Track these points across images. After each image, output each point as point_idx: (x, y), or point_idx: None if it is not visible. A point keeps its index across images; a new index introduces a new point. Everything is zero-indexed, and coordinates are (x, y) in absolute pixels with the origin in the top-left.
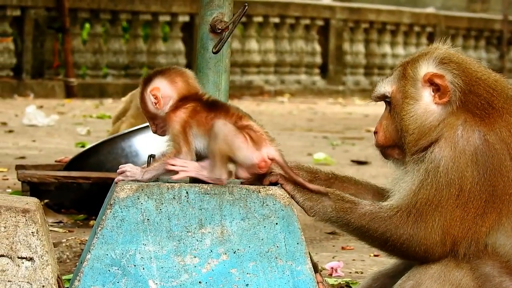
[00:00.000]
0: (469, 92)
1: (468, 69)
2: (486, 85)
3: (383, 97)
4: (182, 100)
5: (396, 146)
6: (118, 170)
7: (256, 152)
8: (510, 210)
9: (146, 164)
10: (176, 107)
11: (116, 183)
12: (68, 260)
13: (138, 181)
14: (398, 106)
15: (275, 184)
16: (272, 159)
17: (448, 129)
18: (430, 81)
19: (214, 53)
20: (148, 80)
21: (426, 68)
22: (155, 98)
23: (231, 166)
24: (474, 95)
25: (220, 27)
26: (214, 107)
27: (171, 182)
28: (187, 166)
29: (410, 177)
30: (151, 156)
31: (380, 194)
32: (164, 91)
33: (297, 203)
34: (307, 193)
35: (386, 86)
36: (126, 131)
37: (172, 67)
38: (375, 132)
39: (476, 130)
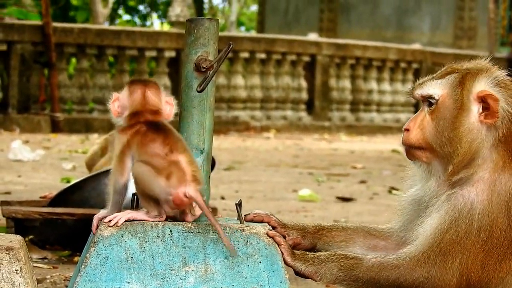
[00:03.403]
0: None
1: None
2: None
3: (428, 97)
4: (134, 116)
5: (429, 149)
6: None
7: (171, 190)
8: None
9: (131, 203)
10: (126, 125)
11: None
12: None
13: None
14: (449, 113)
15: (260, 222)
16: (189, 197)
17: (489, 170)
18: (483, 99)
19: (198, 91)
20: (124, 86)
21: (483, 85)
22: (116, 107)
23: None
24: None
25: (204, 66)
26: (156, 132)
27: (156, 220)
28: (120, 216)
29: (440, 214)
30: (135, 195)
31: (372, 235)
32: (122, 101)
33: (299, 272)
34: (307, 260)
35: (436, 88)
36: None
37: (141, 80)
38: (407, 130)
39: None
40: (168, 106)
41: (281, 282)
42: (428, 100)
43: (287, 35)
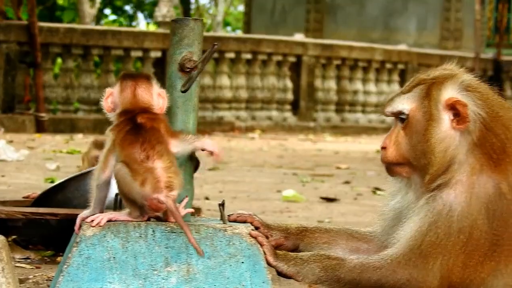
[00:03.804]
0: (488, 127)
1: (489, 100)
2: (502, 124)
3: (398, 114)
4: (124, 114)
5: (407, 164)
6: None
7: (146, 195)
8: (508, 260)
9: (114, 203)
10: (116, 123)
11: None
12: None
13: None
14: (420, 126)
15: (243, 222)
16: (162, 203)
17: (466, 173)
18: (452, 106)
19: (182, 92)
20: (117, 80)
21: (450, 92)
22: (109, 103)
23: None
24: (492, 133)
25: (189, 66)
26: (136, 135)
27: (138, 221)
28: (102, 217)
29: (420, 217)
30: (118, 195)
31: (354, 237)
32: (114, 97)
33: (282, 272)
34: (289, 260)
35: (404, 103)
36: (94, 167)
37: (134, 74)
38: (384, 148)
39: (491, 178)
40: (160, 99)
41: (263, 282)
42: (400, 117)
43: (273, 36)
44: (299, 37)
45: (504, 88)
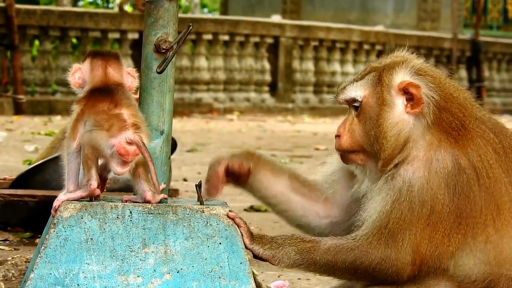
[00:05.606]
0: (443, 108)
1: (442, 84)
2: (458, 103)
3: (351, 101)
4: (94, 91)
5: (361, 151)
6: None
7: (112, 140)
8: (475, 232)
9: None
10: (83, 96)
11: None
12: (13, 278)
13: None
14: (373, 112)
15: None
16: (130, 143)
17: (423, 148)
18: (405, 90)
19: (158, 73)
20: (84, 57)
21: (402, 76)
22: (77, 78)
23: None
24: (448, 112)
25: (164, 47)
26: (106, 93)
27: (115, 202)
28: (60, 197)
29: (381, 196)
30: None
31: (298, 179)
32: (83, 74)
33: (258, 255)
34: (265, 243)
35: (357, 90)
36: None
37: (104, 52)
38: (338, 136)
39: (450, 153)
40: (129, 78)
41: (241, 263)
42: (353, 104)
43: (250, 17)
44: (276, 18)
45: (482, 68)
